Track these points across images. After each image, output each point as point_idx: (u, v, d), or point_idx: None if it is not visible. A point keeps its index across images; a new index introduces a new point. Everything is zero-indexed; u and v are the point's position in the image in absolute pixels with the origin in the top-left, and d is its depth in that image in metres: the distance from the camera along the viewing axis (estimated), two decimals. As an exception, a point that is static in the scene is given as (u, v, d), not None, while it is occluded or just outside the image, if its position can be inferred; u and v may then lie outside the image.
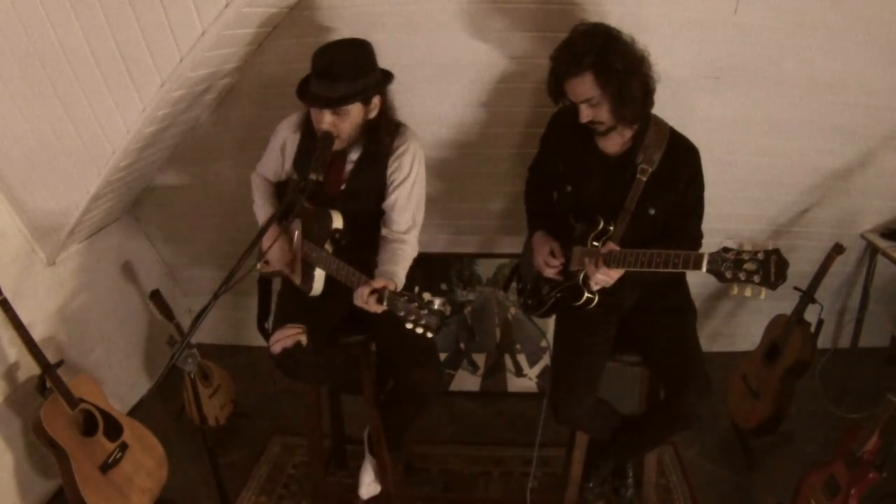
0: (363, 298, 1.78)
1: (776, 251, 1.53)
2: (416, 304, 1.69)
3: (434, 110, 2.45)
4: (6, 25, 1.90)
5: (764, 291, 1.56)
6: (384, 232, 2.03)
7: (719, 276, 1.59)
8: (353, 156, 1.99)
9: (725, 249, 1.59)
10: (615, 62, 1.74)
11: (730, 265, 1.57)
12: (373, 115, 1.92)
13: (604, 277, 1.82)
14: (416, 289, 1.72)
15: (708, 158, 1.95)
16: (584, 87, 1.77)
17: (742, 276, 1.55)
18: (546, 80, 1.90)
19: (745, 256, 1.55)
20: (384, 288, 1.76)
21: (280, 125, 2.09)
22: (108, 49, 1.92)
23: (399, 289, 1.81)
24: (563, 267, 2.02)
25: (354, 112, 1.86)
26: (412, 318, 1.69)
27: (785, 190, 2.70)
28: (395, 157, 1.98)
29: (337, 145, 1.90)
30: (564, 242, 2.05)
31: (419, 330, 1.70)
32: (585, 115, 1.81)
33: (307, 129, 1.99)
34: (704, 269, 1.62)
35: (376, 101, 1.90)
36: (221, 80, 2.33)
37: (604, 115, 1.81)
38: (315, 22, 2.19)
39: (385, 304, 1.74)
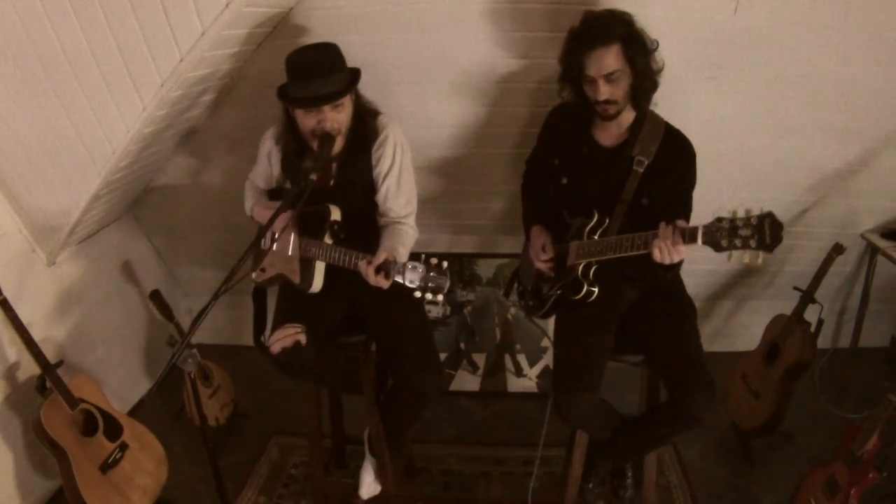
0: (370, 276, 1.79)
1: (769, 214, 1.53)
2: (422, 270, 1.70)
3: (434, 110, 2.45)
4: (6, 25, 1.90)
5: (762, 255, 1.55)
6: (382, 221, 2.07)
7: (716, 245, 1.59)
8: (338, 150, 2.01)
9: (719, 219, 1.59)
10: (640, 36, 1.79)
11: (725, 233, 1.56)
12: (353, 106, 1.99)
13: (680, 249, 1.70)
14: (423, 256, 1.73)
15: (707, 158, 1.96)
16: (610, 59, 1.77)
17: (738, 242, 1.55)
18: (557, 74, 1.91)
19: (739, 223, 1.55)
20: (386, 260, 1.77)
21: (264, 136, 2.14)
22: (108, 49, 1.92)
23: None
24: (553, 262, 2.04)
25: (348, 103, 1.94)
26: (420, 284, 1.70)
27: (785, 190, 2.69)
28: (377, 147, 2.01)
29: (339, 144, 1.95)
30: (558, 237, 2.06)
31: (429, 295, 1.70)
32: (604, 91, 1.80)
33: (288, 137, 2.03)
34: (700, 241, 1.61)
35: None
36: (221, 80, 2.33)
37: (620, 92, 1.82)
38: (314, 22, 2.18)
39: (392, 276, 1.75)
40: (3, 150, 2.19)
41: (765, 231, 1.52)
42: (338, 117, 1.91)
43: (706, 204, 2.00)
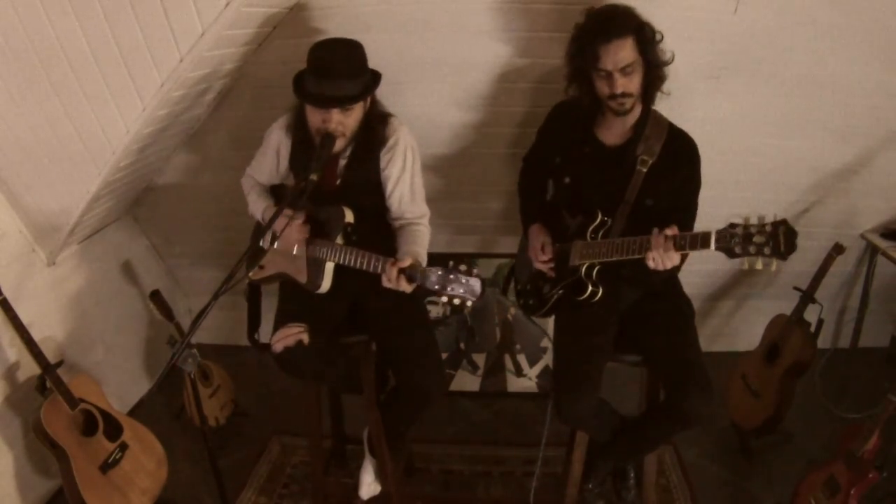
0: (393, 279, 1.77)
1: (784, 221, 1.52)
2: (452, 275, 1.67)
3: (433, 110, 2.45)
4: (6, 25, 1.90)
5: (775, 263, 1.54)
6: (398, 223, 2.06)
7: (729, 252, 1.58)
8: (346, 151, 2.00)
9: (732, 225, 1.58)
10: (649, 27, 1.79)
11: (739, 240, 1.56)
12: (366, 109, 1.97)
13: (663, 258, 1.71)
14: (451, 263, 1.70)
15: (708, 158, 1.95)
16: (625, 52, 1.76)
17: (752, 249, 1.55)
18: (556, 73, 1.91)
19: (753, 230, 1.54)
20: (412, 265, 1.74)
21: (272, 127, 2.11)
22: (108, 49, 1.92)
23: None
24: (552, 262, 2.03)
25: (358, 108, 1.92)
26: (449, 289, 1.67)
27: (785, 190, 2.70)
28: (386, 150, 2.00)
29: (340, 144, 1.93)
30: (557, 237, 2.05)
31: (457, 301, 1.67)
32: (621, 84, 1.80)
33: (299, 130, 2.01)
34: (713, 246, 1.60)
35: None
36: (221, 80, 2.33)
37: (634, 85, 1.81)
38: (315, 22, 2.18)
39: (417, 281, 1.72)
40: (3, 150, 2.19)
41: (779, 239, 1.51)
42: (345, 121, 1.89)
43: (708, 204, 2.00)
